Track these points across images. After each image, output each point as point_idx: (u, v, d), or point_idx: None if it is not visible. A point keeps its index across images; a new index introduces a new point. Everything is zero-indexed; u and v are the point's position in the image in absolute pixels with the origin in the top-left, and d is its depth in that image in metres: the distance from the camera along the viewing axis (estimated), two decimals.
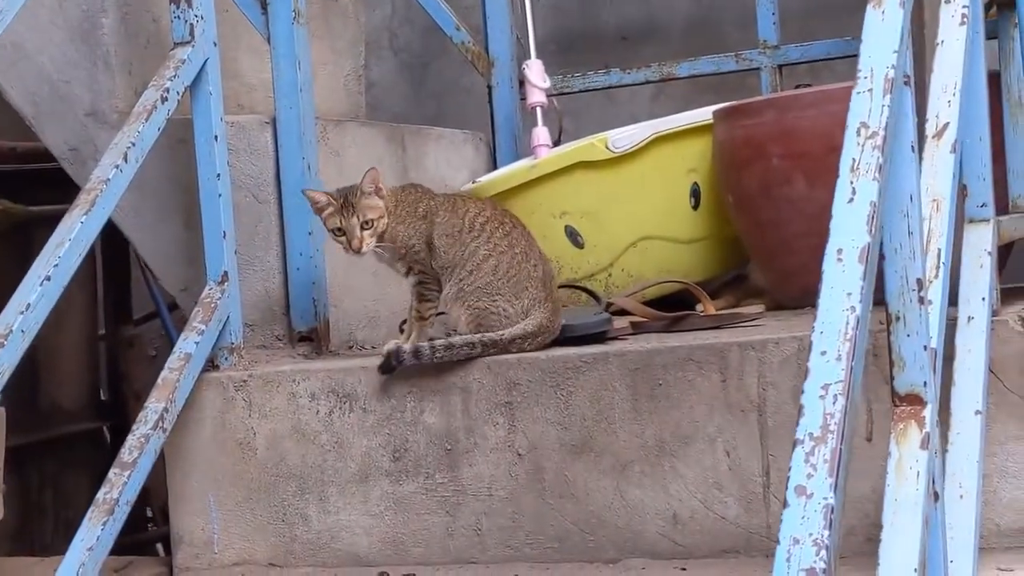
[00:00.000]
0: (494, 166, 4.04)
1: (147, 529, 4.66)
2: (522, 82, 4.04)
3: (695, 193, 3.68)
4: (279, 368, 2.95)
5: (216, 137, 2.97)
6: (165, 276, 3.21)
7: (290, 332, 3.14)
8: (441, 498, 2.82)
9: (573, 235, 3.66)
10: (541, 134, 3.92)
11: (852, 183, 1.62)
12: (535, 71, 3.97)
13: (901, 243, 1.84)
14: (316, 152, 3.13)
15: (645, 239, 3.66)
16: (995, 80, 2.92)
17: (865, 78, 1.73)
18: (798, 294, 3.26)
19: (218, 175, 2.98)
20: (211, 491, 2.92)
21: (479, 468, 2.80)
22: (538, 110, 3.94)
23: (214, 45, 3.00)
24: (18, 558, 3.13)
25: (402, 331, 3.05)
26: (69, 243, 2.55)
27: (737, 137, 3.43)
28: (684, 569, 2.64)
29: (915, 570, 1.65)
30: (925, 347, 1.84)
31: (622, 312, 3.21)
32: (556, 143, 4.29)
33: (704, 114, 3.63)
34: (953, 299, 2.35)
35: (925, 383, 1.84)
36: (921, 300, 1.84)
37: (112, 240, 4.14)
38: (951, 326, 2.36)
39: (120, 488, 2.63)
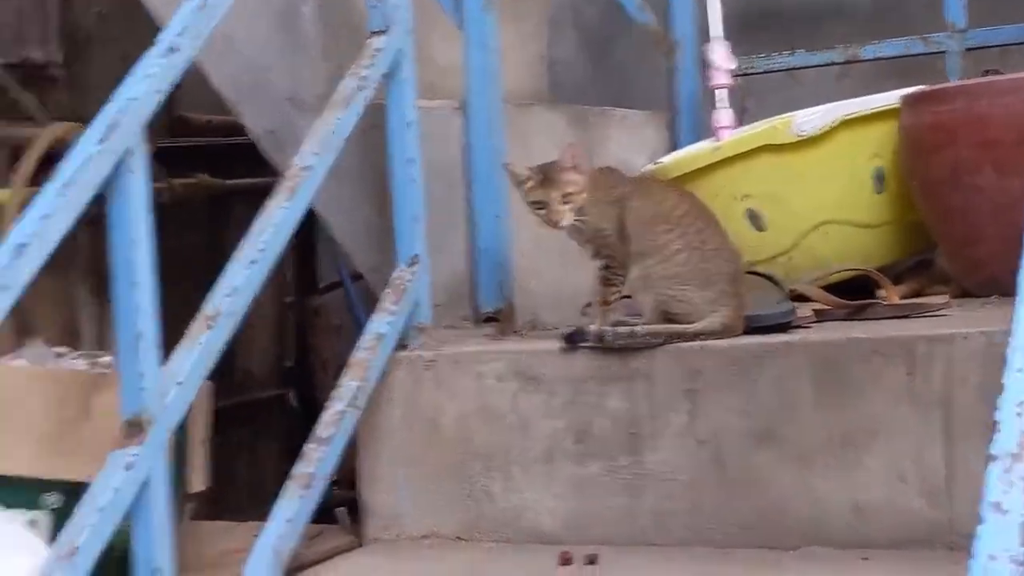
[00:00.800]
0: (674, 147, 4.06)
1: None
2: (706, 64, 4.06)
3: (879, 177, 3.67)
4: (466, 349, 3.03)
5: (409, 124, 3.06)
6: (357, 257, 3.31)
7: (476, 313, 3.22)
8: (624, 481, 2.87)
9: (754, 218, 3.67)
10: (724, 116, 3.93)
11: None
12: (719, 53, 3.98)
13: None
14: (504, 137, 3.20)
15: (827, 223, 3.66)
16: None
17: None
18: (985, 283, 3.25)
19: (410, 161, 3.06)
20: (400, 466, 3.01)
21: (662, 453, 2.85)
22: (721, 92, 3.96)
23: (409, 34, 3.07)
24: (214, 522, 3.26)
25: (584, 314, 3.11)
26: (272, 228, 2.65)
27: (925, 123, 3.42)
28: (867, 559, 2.66)
29: None
30: None
31: (803, 298, 3.22)
32: (738, 123, 4.32)
33: (890, 98, 3.62)
34: None
35: None
36: None
37: None
38: None
39: (316, 463, 2.74)
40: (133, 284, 2.30)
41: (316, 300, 4.98)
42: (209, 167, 4.40)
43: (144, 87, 2.37)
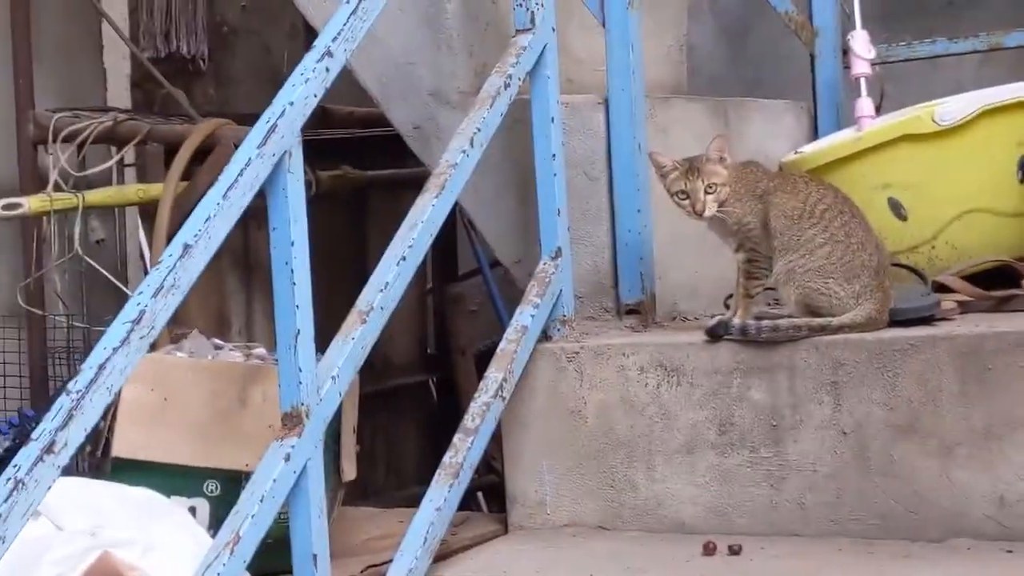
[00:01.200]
0: (815, 136, 4.07)
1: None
2: (845, 52, 4.06)
3: (1023, 166, 3.65)
4: (608, 341, 3.08)
5: (552, 119, 3.11)
6: (500, 249, 3.38)
7: (618, 305, 3.27)
8: (766, 472, 2.91)
9: (896, 207, 3.67)
10: (865, 105, 3.93)
11: None
12: (860, 42, 3.97)
13: None
14: (646, 132, 3.24)
15: (970, 212, 3.64)
16: None
17: None
18: None
19: (553, 155, 3.12)
20: (544, 456, 3.08)
21: (804, 444, 2.88)
22: (862, 81, 3.96)
23: (552, 31, 3.13)
24: (359, 508, 3.35)
25: (727, 306, 3.14)
26: (421, 225, 2.72)
27: None
28: (1011, 552, 2.67)
29: None
30: None
31: (946, 289, 3.23)
32: (877, 109, 4.30)
33: None
34: None
35: None
36: None
37: None
38: None
39: (464, 452, 2.81)
40: (292, 283, 2.39)
41: (456, 287, 5.06)
42: (349, 159, 4.49)
43: (301, 92, 2.45)
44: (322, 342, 2.54)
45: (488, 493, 4.68)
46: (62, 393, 1.99)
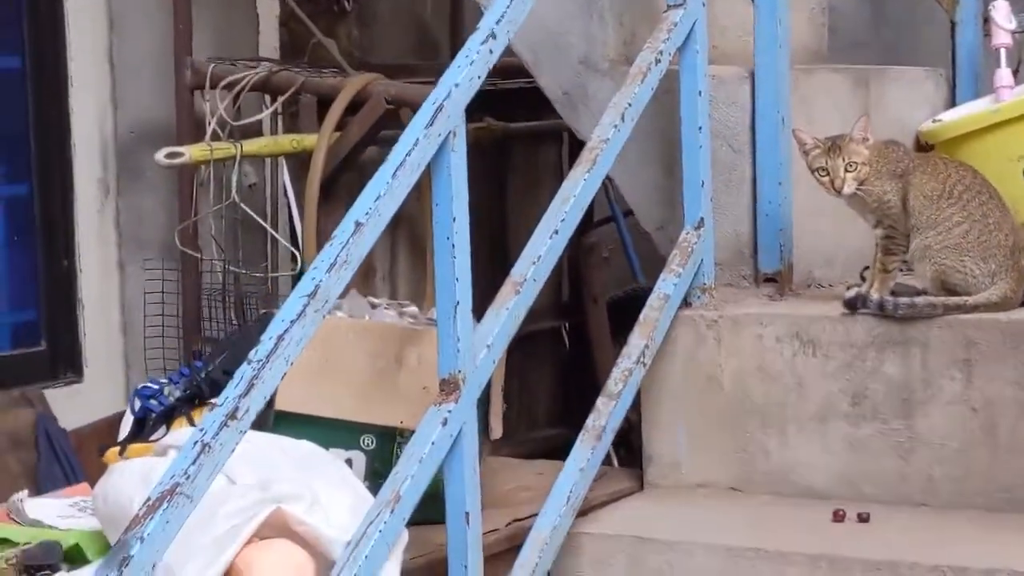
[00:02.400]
0: (953, 104, 4.11)
1: None
2: (986, 20, 4.09)
3: None
4: (747, 310, 3.19)
5: (700, 93, 3.21)
6: (643, 215, 3.49)
7: (756, 273, 3.36)
8: (896, 443, 3.01)
9: None
10: (1004, 76, 3.95)
11: None
12: (1002, 12, 3.99)
13: None
14: (790, 106, 3.32)
15: None
16: None
17: None
18: None
19: (700, 128, 3.21)
20: (680, 419, 3.20)
21: (934, 419, 2.98)
22: (1002, 51, 3.98)
23: (703, 6, 3.21)
24: (499, 458, 3.50)
25: (863, 278, 3.24)
26: (574, 199, 2.84)
27: None
28: None
29: None
30: None
31: None
32: (1015, 73, 4.32)
33: None
34: None
35: None
36: None
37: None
38: None
39: (607, 416, 2.94)
40: (453, 257, 2.52)
41: (589, 236, 5.15)
42: (490, 110, 4.59)
43: (465, 73, 2.57)
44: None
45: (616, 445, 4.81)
46: (244, 362, 2.14)
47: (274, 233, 4.11)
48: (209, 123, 4.12)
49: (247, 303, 4.04)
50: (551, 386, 5.09)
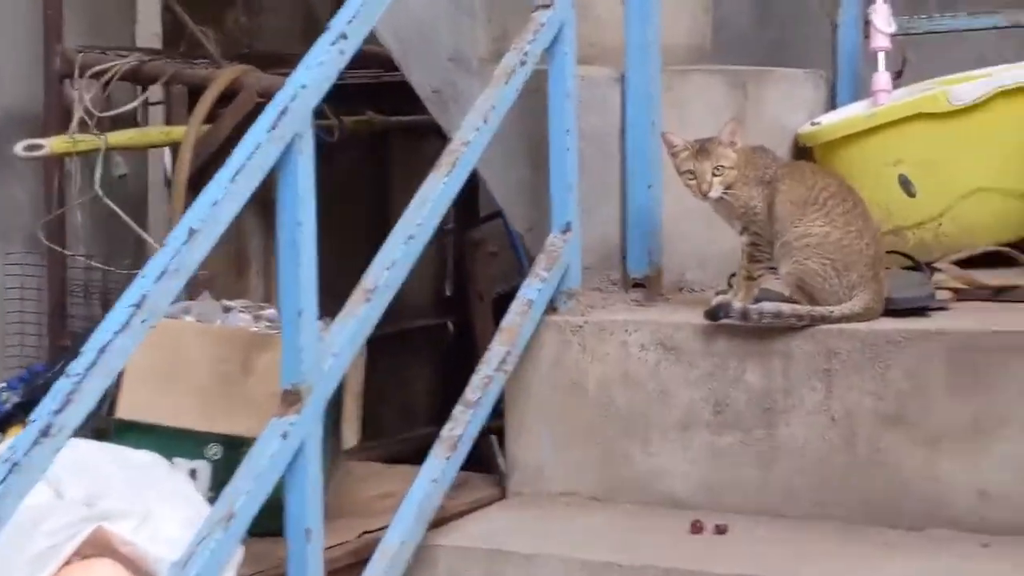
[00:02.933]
0: (833, 106, 4.09)
1: None
2: (867, 22, 4.07)
3: None
4: (612, 316, 3.14)
5: (568, 95, 3.15)
6: (513, 216, 3.44)
7: (625, 277, 3.32)
8: (757, 453, 2.98)
9: (906, 184, 3.70)
10: (882, 79, 3.94)
11: None
12: (881, 14, 3.98)
13: None
14: (661, 110, 3.28)
15: (980, 191, 3.68)
16: None
17: None
18: None
19: (567, 131, 3.16)
20: (544, 425, 3.15)
21: (794, 429, 2.95)
22: (880, 54, 3.97)
23: (571, 7, 3.16)
24: (371, 464, 3.44)
25: (730, 284, 3.20)
26: (431, 203, 2.78)
27: None
28: (987, 545, 2.74)
29: None
30: None
31: (934, 270, 3.27)
32: (898, 75, 4.32)
33: None
34: None
35: None
36: None
37: None
38: None
39: (464, 425, 2.88)
40: (297, 264, 2.44)
41: (476, 230, 5.09)
42: (373, 103, 4.52)
43: (315, 75, 2.50)
44: (346, 288, 2.63)
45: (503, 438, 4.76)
46: (61, 376, 2.06)
47: (137, 228, 4.00)
48: (76, 112, 4.02)
49: (111, 300, 3.93)
50: (433, 383, 5.03)
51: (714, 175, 3.02)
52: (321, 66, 2.52)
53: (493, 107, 2.93)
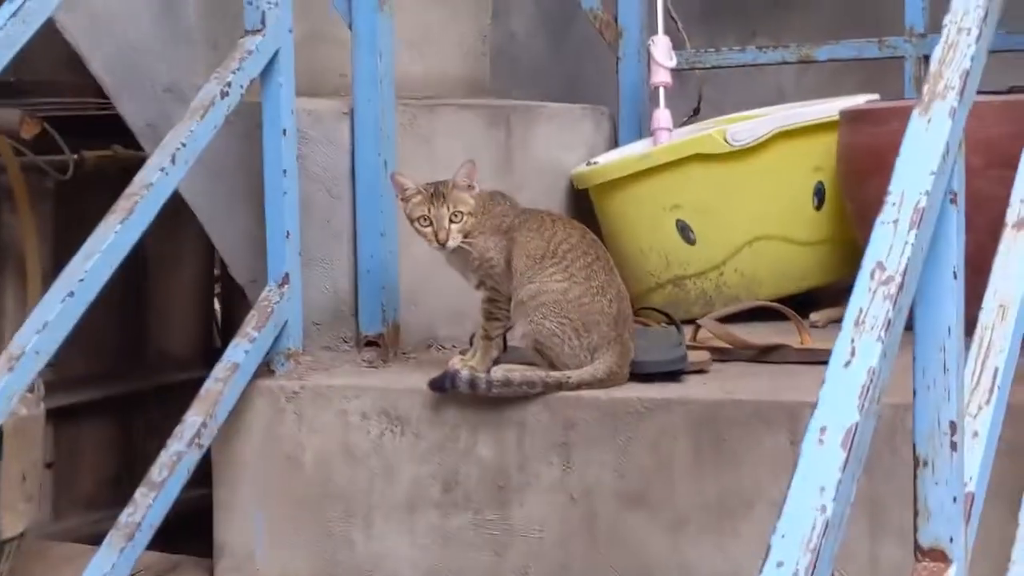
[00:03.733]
0: (616, 146, 3.81)
1: None
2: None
3: (819, 192, 3.44)
4: (332, 381, 2.80)
5: (285, 131, 2.81)
6: (234, 266, 3.06)
7: (357, 335, 2.98)
8: (490, 536, 2.65)
9: (684, 230, 3.44)
10: (662, 117, 3.67)
11: (853, 342, 1.38)
12: (660, 48, 3.71)
13: (935, 380, 1.60)
14: (395, 148, 2.95)
15: (762, 238, 3.44)
16: None
17: (893, 205, 1.48)
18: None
19: (284, 171, 2.82)
20: (257, 503, 2.80)
21: (530, 508, 2.63)
22: (660, 90, 3.69)
23: (288, 32, 2.82)
24: (71, 545, 3.06)
25: (471, 343, 2.87)
26: (99, 255, 2.41)
27: (860, 144, 3.18)
28: None
29: None
30: (955, 498, 1.60)
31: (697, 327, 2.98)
32: (696, 111, 4.05)
33: (832, 110, 3.36)
34: None
35: (952, 539, 1.61)
36: (953, 446, 1.60)
37: None
38: None
39: (144, 511, 2.51)
40: None
41: None
42: (120, 137, 4.12)
43: None
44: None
45: None
46: None
47: None
48: None
49: None
50: None
51: (451, 222, 2.69)
52: None
53: (183, 144, 2.57)
